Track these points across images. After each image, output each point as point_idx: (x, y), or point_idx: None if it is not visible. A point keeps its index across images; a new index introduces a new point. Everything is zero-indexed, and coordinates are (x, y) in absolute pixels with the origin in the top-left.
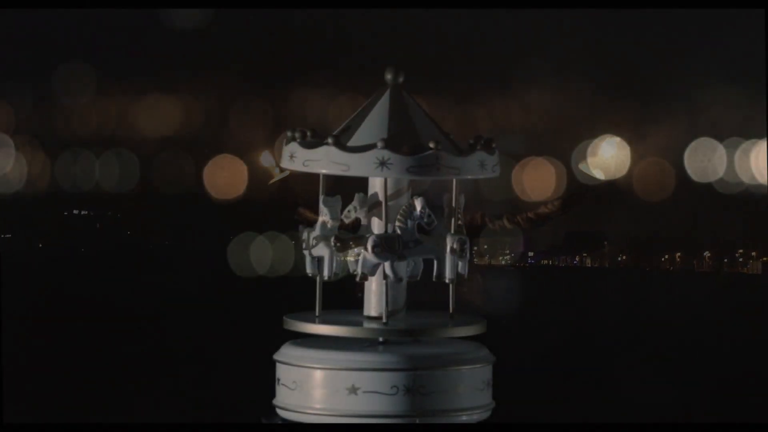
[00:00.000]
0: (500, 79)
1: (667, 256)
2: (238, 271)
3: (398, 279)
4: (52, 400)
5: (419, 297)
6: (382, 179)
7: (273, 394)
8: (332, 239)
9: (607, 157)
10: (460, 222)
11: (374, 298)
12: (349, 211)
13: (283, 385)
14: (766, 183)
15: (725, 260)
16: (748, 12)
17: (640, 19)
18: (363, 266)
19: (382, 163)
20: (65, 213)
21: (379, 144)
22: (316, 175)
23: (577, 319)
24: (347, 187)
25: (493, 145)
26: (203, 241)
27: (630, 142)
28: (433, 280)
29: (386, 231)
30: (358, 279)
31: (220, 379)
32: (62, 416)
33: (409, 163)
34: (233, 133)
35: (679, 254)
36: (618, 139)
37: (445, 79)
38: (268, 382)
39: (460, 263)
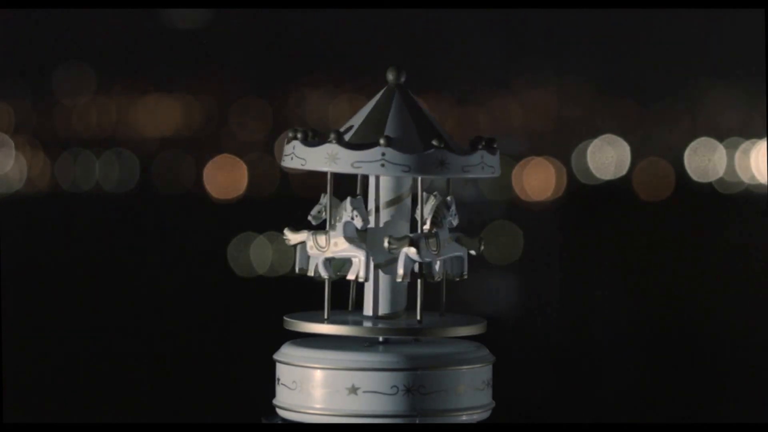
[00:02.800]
0: (500, 79)
1: None
2: (238, 271)
3: (436, 278)
4: (52, 400)
5: (414, 296)
6: (388, 179)
7: (273, 394)
8: (386, 239)
9: None
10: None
11: (374, 298)
12: (319, 212)
13: (283, 385)
14: (766, 183)
15: None
16: (748, 12)
17: (640, 18)
18: (405, 266)
19: (441, 163)
20: (65, 213)
21: (437, 143)
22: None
23: (577, 319)
24: (316, 188)
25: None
26: (203, 241)
27: (630, 142)
28: (456, 278)
29: (421, 230)
30: (399, 279)
31: (220, 379)
32: (62, 416)
33: (463, 163)
34: (233, 133)
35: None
36: None
37: (445, 79)
38: (268, 382)
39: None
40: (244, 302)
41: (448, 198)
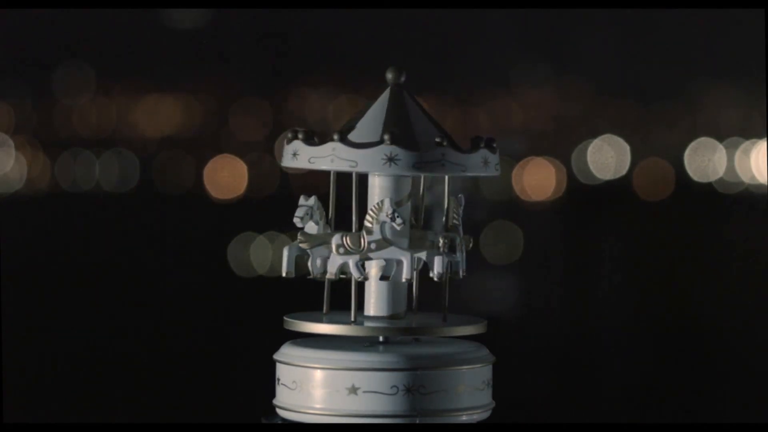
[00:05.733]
0: (500, 79)
1: None
2: (238, 271)
3: (460, 276)
4: (52, 400)
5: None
6: (391, 178)
7: (273, 394)
8: (441, 239)
9: None
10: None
11: (374, 298)
12: (306, 214)
13: (283, 385)
14: (766, 183)
15: None
16: (748, 12)
17: (639, 18)
18: (443, 265)
19: (485, 162)
20: (65, 213)
21: (482, 143)
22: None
23: (577, 319)
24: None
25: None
26: (203, 241)
27: (630, 142)
28: (458, 277)
29: (447, 230)
30: (437, 279)
31: (220, 379)
32: (62, 416)
33: (495, 161)
34: (233, 133)
35: None
36: None
37: (445, 79)
38: (268, 382)
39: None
40: (244, 302)
41: (459, 197)
